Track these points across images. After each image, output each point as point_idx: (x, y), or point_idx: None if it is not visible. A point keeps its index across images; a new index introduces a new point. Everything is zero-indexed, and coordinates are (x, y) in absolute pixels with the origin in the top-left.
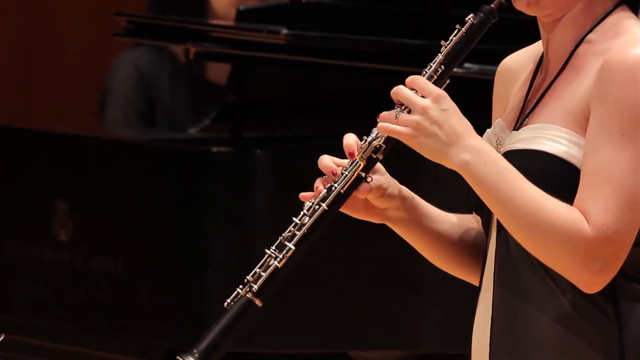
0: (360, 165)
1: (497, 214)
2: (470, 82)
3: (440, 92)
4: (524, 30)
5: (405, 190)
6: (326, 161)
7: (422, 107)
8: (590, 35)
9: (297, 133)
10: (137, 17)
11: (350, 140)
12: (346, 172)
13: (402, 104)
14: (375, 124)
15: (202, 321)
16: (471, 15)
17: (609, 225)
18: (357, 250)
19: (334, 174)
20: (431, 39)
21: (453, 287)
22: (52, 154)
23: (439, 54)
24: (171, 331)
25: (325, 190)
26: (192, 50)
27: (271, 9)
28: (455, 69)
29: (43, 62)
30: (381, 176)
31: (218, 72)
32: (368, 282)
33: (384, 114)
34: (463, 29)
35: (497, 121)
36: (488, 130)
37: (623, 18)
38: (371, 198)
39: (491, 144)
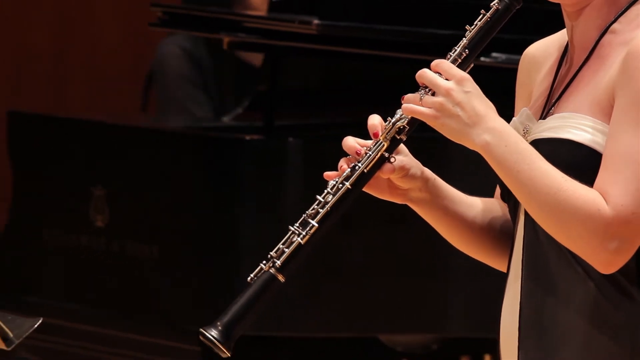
0: (384, 145)
1: (517, 194)
2: (498, 71)
3: (463, 74)
4: (552, 20)
5: (428, 172)
6: (350, 142)
7: (446, 89)
8: (614, 25)
9: (327, 121)
10: (172, 7)
11: (374, 120)
12: (370, 152)
13: (426, 87)
14: (400, 106)
15: None
16: (496, 0)
17: (627, 206)
18: (385, 238)
19: (357, 153)
20: (460, 28)
21: (478, 274)
22: (88, 142)
23: (464, 38)
24: (205, 316)
25: (349, 170)
26: (226, 40)
27: (303, 0)
28: (483, 58)
29: (80, 51)
30: (404, 157)
31: (251, 61)
32: (396, 269)
33: (409, 95)
34: (488, 14)
35: (523, 109)
36: (514, 118)
37: None
38: (394, 178)
39: (518, 132)
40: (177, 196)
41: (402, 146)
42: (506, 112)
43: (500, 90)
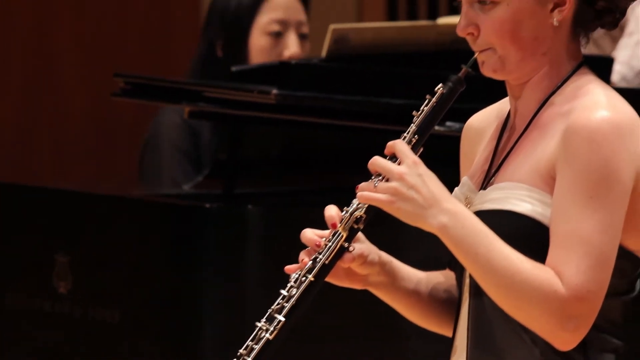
0: (342, 236)
1: (475, 276)
2: (453, 140)
3: (415, 158)
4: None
5: (384, 255)
6: (309, 234)
7: (399, 173)
8: (553, 98)
9: (287, 189)
10: (134, 77)
11: (332, 212)
12: (330, 244)
13: (379, 174)
14: (354, 195)
15: None
16: (440, 85)
17: (582, 284)
18: (336, 301)
19: (317, 245)
20: (414, 97)
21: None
22: (53, 210)
23: (412, 124)
24: None
25: (310, 262)
26: (187, 109)
27: (262, 70)
28: (437, 127)
29: (45, 120)
30: (362, 244)
31: (211, 130)
32: (349, 333)
33: (363, 184)
34: (434, 98)
35: (465, 180)
36: (456, 189)
37: (584, 80)
38: (354, 266)
39: (460, 202)
40: (139, 263)
41: (359, 233)
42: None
43: (455, 160)
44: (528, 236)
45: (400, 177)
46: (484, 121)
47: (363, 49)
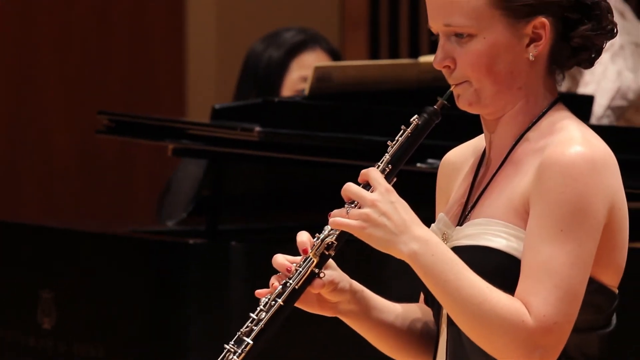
0: (313, 262)
1: (443, 304)
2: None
3: (388, 186)
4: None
5: (355, 284)
6: (280, 259)
7: (371, 200)
8: (528, 134)
9: (270, 225)
10: (118, 115)
11: (303, 237)
12: (300, 269)
13: (352, 201)
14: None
15: None
16: (416, 116)
17: (550, 316)
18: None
19: (288, 270)
20: (394, 135)
21: None
22: (37, 246)
23: (386, 154)
24: None
25: (280, 287)
26: (170, 147)
27: (245, 108)
28: (419, 164)
29: (29, 156)
30: (333, 271)
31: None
32: None
33: (335, 211)
34: (408, 129)
35: (441, 215)
36: (433, 225)
37: (558, 116)
38: (324, 292)
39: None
40: (123, 298)
41: (330, 260)
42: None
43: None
44: (503, 271)
45: (372, 203)
46: (461, 157)
47: (346, 87)
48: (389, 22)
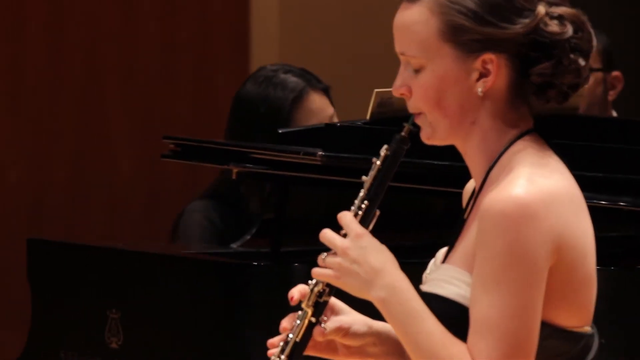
0: (307, 312)
1: (405, 348)
2: None
3: (359, 231)
4: None
5: (378, 325)
6: (284, 324)
7: (342, 248)
8: (491, 172)
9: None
10: (183, 140)
11: (293, 291)
12: (298, 321)
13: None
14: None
15: None
16: (385, 146)
17: None
18: None
19: (285, 329)
20: (457, 159)
21: None
22: (104, 268)
23: (361, 190)
24: None
25: (282, 343)
26: (235, 170)
27: (308, 132)
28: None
29: (96, 182)
30: (344, 316)
31: (258, 190)
32: None
33: (319, 258)
34: (378, 162)
35: (440, 251)
36: (432, 260)
37: (519, 151)
38: (338, 339)
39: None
40: (188, 319)
41: (343, 305)
42: None
43: None
44: (454, 319)
45: (343, 251)
46: (471, 188)
47: (406, 111)
48: None
